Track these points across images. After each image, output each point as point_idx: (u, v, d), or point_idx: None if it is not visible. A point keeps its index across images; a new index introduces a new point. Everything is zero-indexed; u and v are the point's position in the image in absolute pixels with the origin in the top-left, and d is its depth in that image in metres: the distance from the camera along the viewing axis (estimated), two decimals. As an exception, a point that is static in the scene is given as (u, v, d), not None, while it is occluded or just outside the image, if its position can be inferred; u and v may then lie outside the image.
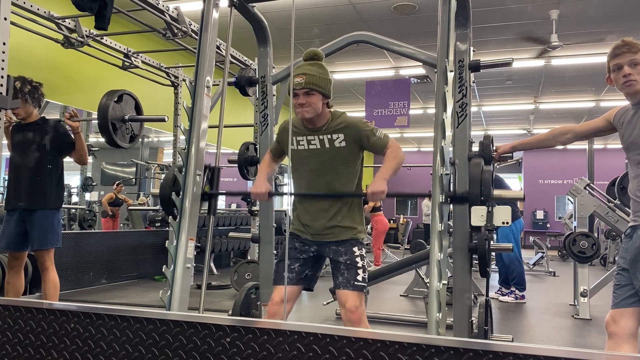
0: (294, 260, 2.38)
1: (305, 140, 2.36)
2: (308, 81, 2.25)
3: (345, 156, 2.33)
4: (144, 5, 4.55)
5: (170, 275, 2.24)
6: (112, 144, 4.19)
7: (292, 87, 2.27)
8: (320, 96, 2.28)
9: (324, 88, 2.28)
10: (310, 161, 2.36)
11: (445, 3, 2.32)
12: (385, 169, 2.25)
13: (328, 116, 2.36)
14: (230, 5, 2.80)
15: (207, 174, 2.51)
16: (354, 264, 2.31)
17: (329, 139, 2.32)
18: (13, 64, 2.71)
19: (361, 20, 7.17)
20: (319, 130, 2.34)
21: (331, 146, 2.32)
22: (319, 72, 2.29)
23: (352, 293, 2.27)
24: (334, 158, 2.33)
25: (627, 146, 2.29)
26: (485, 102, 11.74)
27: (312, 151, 2.35)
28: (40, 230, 3.43)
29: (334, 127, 2.33)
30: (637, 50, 2.20)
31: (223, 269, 7.81)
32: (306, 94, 2.25)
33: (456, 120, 2.83)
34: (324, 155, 2.33)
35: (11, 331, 1.46)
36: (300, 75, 2.26)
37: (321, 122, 2.34)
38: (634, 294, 2.16)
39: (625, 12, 6.74)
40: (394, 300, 5.72)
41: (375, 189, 2.18)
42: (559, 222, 14.34)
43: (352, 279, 2.28)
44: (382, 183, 2.19)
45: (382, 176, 2.22)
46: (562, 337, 4.28)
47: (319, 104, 2.29)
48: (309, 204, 2.39)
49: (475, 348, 1.08)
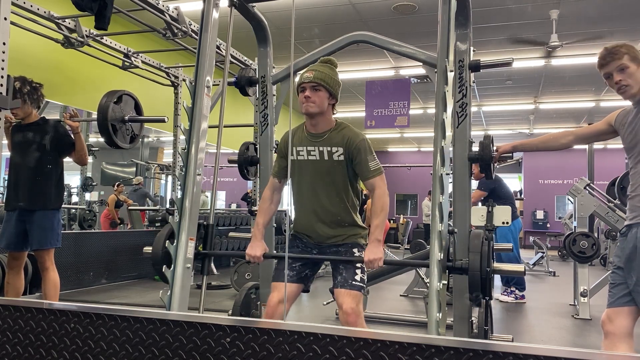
0: (295, 259, 2.39)
1: (305, 150, 2.37)
2: (317, 76, 2.27)
3: (343, 169, 2.35)
4: (144, 5, 4.54)
5: (170, 276, 2.24)
6: (112, 145, 4.19)
7: (301, 81, 2.29)
8: (327, 94, 2.30)
9: (331, 87, 2.30)
10: (309, 172, 2.37)
11: (445, 3, 2.32)
12: (377, 229, 2.27)
13: (332, 124, 2.37)
14: (230, 5, 2.80)
15: (201, 232, 2.49)
16: (353, 264, 2.32)
17: (329, 151, 2.33)
18: (13, 64, 2.70)
19: (361, 20, 7.17)
20: (321, 137, 2.35)
21: (330, 158, 2.33)
22: (330, 72, 2.33)
23: (350, 293, 2.28)
24: (332, 171, 2.35)
25: (629, 146, 2.29)
26: (485, 102, 11.74)
27: (311, 162, 2.36)
28: (40, 230, 3.43)
29: (335, 139, 2.33)
30: (622, 55, 2.20)
31: (223, 269, 7.81)
32: (313, 88, 2.27)
33: (456, 120, 2.83)
34: (322, 167, 2.35)
35: (11, 331, 1.46)
36: (310, 70, 2.31)
37: (324, 127, 2.34)
38: (628, 292, 2.17)
39: (625, 12, 6.74)
40: (394, 300, 5.72)
41: (372, 257, 2.21)
42: (559, 222, 14.34)
43: (350, 279, 2.29)
44: (378, 249, 2.23)
45: (376, 238, 2.26)
46: (562, 337, 4.28)
47: (325, 102, 2.30)
48: (310, 214, 2.40)
49: (475, 348, 1.08)
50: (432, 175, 2.18)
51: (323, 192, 2.36)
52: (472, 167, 2.81)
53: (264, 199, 2.51)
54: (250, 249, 2.40)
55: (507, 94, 11.03)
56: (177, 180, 6.94)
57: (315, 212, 2.38)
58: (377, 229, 2.27)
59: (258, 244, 2.41)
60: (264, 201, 2.50)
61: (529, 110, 12.22)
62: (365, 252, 2.25)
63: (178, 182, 4.27)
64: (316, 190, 2.37)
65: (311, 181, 2.37)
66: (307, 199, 2.40)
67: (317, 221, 2.38)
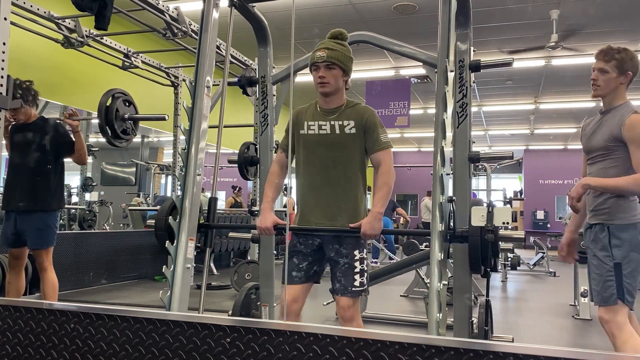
0: (301, 259, 2.35)
1: (317, 125, 2.33)
2: (330, 55, 2.25)
3: (354, 143, 2.31)
4: (144, 5, 4.55)
5: (170, 276, 2.24)
6: (111, 143, 4.20)
7: (314, 60, 2.27)
8: (341, 72, 2.29)
9: (345, 64, 2.29)
10: (320, 146, 2.33)
11: (445, 3, 2.32)
12: (379, 201, 2.24)
13: (344, 99, 2.36)
14: (230, 5, 2.80)
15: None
16: (351, 268, 2.27)
17: (340, 124, 2.31)
18: (13, 64, 2.70)
19: (361, 20, 7.17)
20: (333, 112, 2.33)
21: (341, 132, 2.30)
22: (342, 49, 2.31)
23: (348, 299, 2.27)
24: (343, 144, 2.31)
25: (585, 151, 2.52)
26: (486, 102, 11.74)
27: (322, 136, 2.33)
28: (39, 231, 3.42)
29: (347, 114, 2.32)
30: (610, 59, 2.36)
31: (223, 269, 7.81)
32: (327, 67, 2.26)
33: (456, 120, 2.83)
34: (333, 140, 2.31)
35: (11, 331, 1.46)
36: (322, 49, 2.27)
37: (336, 103, 2.33)
38: None
39: (625, 12, 6.74)
40: (394, 300, 5.72)
41: (369, 232, 2.19)
42: (559, 222, 14.33)
43: (349, 285, 2.26)
44: (377, 223, 2.20)
45: (378, 211, 2.22)
46: (562, 337, 4.28)
47: (340, 80, 2.30)
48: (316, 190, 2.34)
49: (475, 348, 1.08)
50: (432, 175, 2.18)
51: (330, 166, 2.31)
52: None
53: (272, 173, 2.46)
54: (260, 222, 2.34)
55: (508, 94, 11.02)
56: (177, 180, 6.94)
57: (319, 190, 2.32)
58: (378, 202, 2.23)
59: (268, 216, 2.34)
60: (272, 174, 2.45)
61: (529, 111, 12.21)
62: (363, 223, 2.21)
63: (178, 182, 4.27)
64: (323, 165, 2.32)
65: (319, 154, 2.33)
66: (314, 175, 2.34)
67: (321, 198, 2.32)
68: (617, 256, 2.26)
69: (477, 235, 2.14)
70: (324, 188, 2.32)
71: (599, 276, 2.30)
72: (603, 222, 2.33)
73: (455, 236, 2.20)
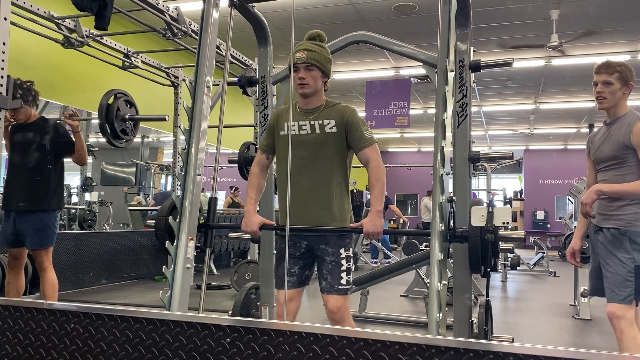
0: (292, 264, 2.35)
1: (297, 125, 2.34)
2: (309, 56, 2.27)
3: (335, 142, 2.31)
4: (144, 5, 4.54)
5: (170, 276, 2.23)
6: (111, 144, 4.20)
7: (293, 62, 2.28)
8: (320, 73, 2.31)
9: (324, 65, 2.31)
10: (300, 147, 2.31)
11: (445, 3, 2.32)
12: (376, 199, 2.25)
13: (324, 100, 2.38)
14: (230, 5, 2.80)
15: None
16: (338, 266, 2.28)
17: (320, 124, 2.31)
18: (13, 64, 2.71)
19: (361, 20, 7.17)
20: (312, 112, 2.34)
21: (322, 131, 2.31)
22: (321, 50, 2.33)
23: (335, 297, 2.27)
24: (323, 144, 2.31)
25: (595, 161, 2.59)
26: (486, 102, 11.74)
27: (302, 136, 2.33)
28: (38, 231, 3.42)
29: (327, 113, 2.33)
30: (613, 72, 2.47)
31: (223, 269, 7.81)
32: (307, 68, 2.28)
33: (456, 120, 2.83)
34: (314, 140, 2.32)
35: (11, 331, 1.46)
36: (302, 50, 2.29)
37: (316, 103, 2.35)
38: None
39: (625, 12, 6.74)
40: (394, 300, 5.72)
41: (372, 230, 2.21)
42: (559, 222, 14.32)
43: (335, 284, 2.27)
44: (379, 221, 2.21)
45: (376, 209, 2.23)
46: (562, 337, 4.28)
47: (319, 81, 2.32)
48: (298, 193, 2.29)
49: (475, 348, 1.08)
50: (433, 175, 2.18)
51: (312, 166, 2.30)
52: None
53: (252, 174, 2.47)
54: (245, 224, 2.36)
55: (508, 94, 11.02)
56: (177, 180, 6.94)
57: (301, 190, 2.29)
58: (376, 200, 2.25)
59: (253, 218, 2.36)
60: (253, 176, 2.46)
61: (529, 111, 12.21)
62: (364, 223, 2.22)
63: (178, 182, 4.27)
64: (305, 165, 2.30)
65: (300, 156, 2.30)
66: (294, 175, 2.28)
67: (303, 199, 2.29)
68: (638, 259, 2.35)
69: (477, 235, 2.14)
70: (305, 187, 2.31)
71: (618, 275, 2.37)
72: (619, 227, 2.40)
73: (455, 236, 2.21)
